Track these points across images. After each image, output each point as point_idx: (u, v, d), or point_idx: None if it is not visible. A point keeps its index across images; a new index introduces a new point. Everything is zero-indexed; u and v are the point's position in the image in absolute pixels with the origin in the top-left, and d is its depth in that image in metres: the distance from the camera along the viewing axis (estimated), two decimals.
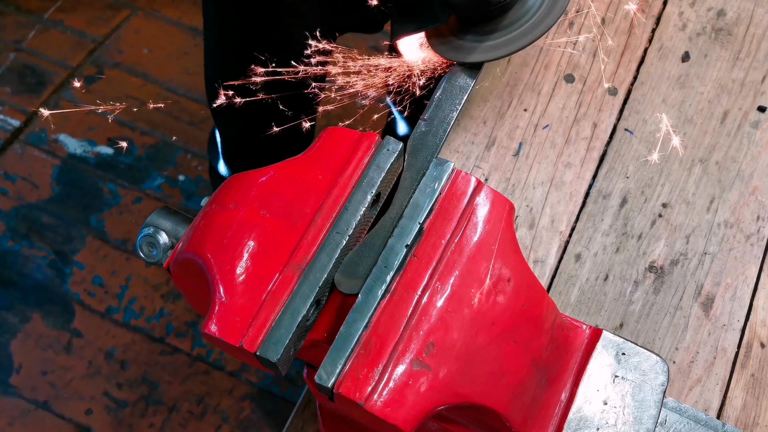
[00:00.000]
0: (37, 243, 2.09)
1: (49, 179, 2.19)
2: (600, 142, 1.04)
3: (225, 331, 0.62)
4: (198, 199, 2.16)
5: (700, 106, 1.06)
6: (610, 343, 0.73)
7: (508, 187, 1.00)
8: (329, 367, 0.60)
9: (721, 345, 0.90)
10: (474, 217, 0.67)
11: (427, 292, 0.63)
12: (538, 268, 0.95)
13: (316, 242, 0.65)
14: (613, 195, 1.00)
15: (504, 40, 0.85)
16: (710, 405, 0.87)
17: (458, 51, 0.86)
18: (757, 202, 0.99)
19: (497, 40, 0.85)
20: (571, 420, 0.70)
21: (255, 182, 0.69)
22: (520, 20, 0.85)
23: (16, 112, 2.30)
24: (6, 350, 1.94)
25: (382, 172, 0.69)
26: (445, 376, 0.61)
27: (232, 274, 0.64)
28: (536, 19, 0.84)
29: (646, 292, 0.93)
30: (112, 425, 1.85)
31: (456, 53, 0.86)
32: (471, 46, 0.86)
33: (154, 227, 0.74)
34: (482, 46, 0.85)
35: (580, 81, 1.08)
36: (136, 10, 2.50)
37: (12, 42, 2.44)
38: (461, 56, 0.85)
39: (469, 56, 0.85)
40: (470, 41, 0.86)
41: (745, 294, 0.93)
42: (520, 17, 0.85)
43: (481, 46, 0.85)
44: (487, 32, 0.85)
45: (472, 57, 0.85)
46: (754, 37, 1.11)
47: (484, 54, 0.85)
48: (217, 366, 1.92)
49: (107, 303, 2.01)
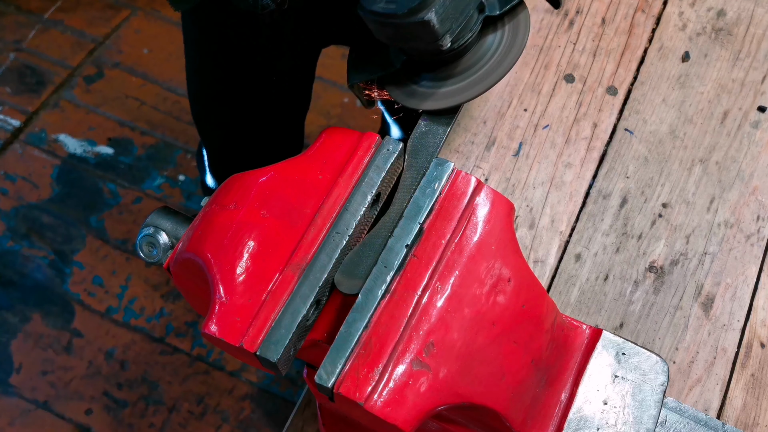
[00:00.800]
0: (37, 243, 2.09)
1: (49, 179, 2.19)
2: (600, 142, 1.04)
3: (225, 331, 0.62)
4: (198, 199, 2.16)
5: (700, 106, 1.06)
6: (610, 343, 0.73)
7: (508, 187, 1.00)
8: (329, 367, 0.60)
9: (721, 345, 0.90)
10: (474, 217, 0.67)
11: (427, 292, 0.63)
12: (538, 268, 0.95)
13: (316, 242, 0.65)
14: (613, 195, 1.00)
15: (460, 86, 0.82)
16: (710, 405, 0.87)
17: (414, 97, 0.84)
18: (757, 202, 0.99)
19: (453, 86, 0.82)
20: (571, 420, 0.70)
21: (255, 182, 0.69)
22: (475, 65, 0.82)
23: (16, 112, 2.30)
24: (6, 350, 1.94)
25: (382, 173, 0.69)
26: (445, 376, 0.61)
27: (232, 274, 0.64)
28: (491, 65, 0.82)
29: (646, 292, 0.93)
30: (112, 425, 1.86)
31: (411, 99, 0.84)
32: (427, 92, 0.83)
33: (154, 227, 0.74)
34: (438, 93, 0.82)
35: (580, 81, 1.08)
36: (136, 10, 2.50)
37: (12, 42, 2.44)
38: (416, 103, 0.83)
39: (423, 103, 0.83)
40: (426, 87, 0.83)
41: (745, 294, 0.93)
42: (476, 62, 0.81)
43: (438, 93, 0.82)
44: (443, 78, 0.83)
45: (427, 104, 0.83)
46: (754, 37, 1.11)
47: (440, 101, 0.82)
48: (217, 366, 1.92)
49: (107, 303, 2.01)
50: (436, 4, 0.70)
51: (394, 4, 0.71)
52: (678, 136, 1.04)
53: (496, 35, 0.82)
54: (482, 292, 0.64)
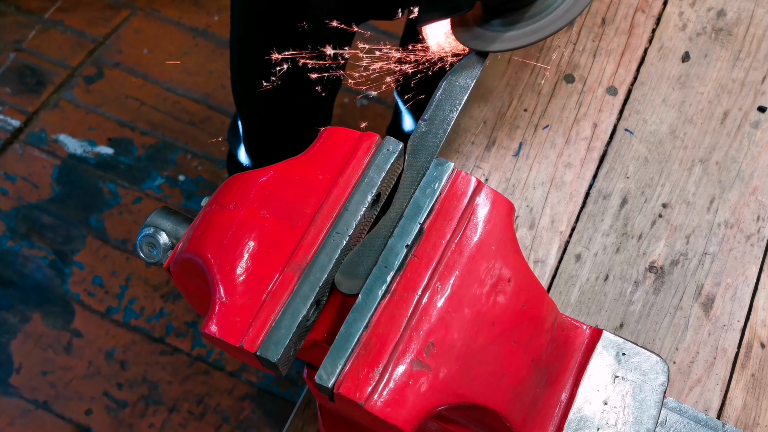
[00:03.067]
0: (37, 243, 2.09)
1: (49, 179, 2.19)
2: (600, 142, 1.04)
3: (225, 331, 0.62)
4: (198, 199, 2.16)
5: (700, 106, 1.06)
6: (611, 343, 0.73)
7: (508, 187, 1.00)
8: (329, 367, 0.60)
9: (722, 345, 0.90)
10: (474, 217, 0.67)
11: (428, 293, 0.63)
12: (538, 268, 0.95)
13: (317, 242, 0.65)
14: (613, 195, 1.00)
15: (526, 30, 0.86)
16: (710, 405, 0.87)
17: (480, 40, 0.86)
18: (758, 202, 0.99)
19: (520, 30, 0.86)
20: (571, 420, 0.70)
21: (255, 182, 0.69)
22: (544, 11, 0.85)
23: (16, 112, 2.30)
24: (6, 350, 1.94)
25: (382, 173, 0.69)
26: (446, 376, 0.61)
27: (233, 274, 0.64)
28: (560, 11, 0.85)
29: (647, 293, 0.93)
30: (112, 425, 1.85)
31: (478, 42, 0.86)
32: (493, 35, 0.86)
33: (154, 227, 0.74)
34: (505, 36, 0.85)
35: (580, 81, 1.08)
36: (136, 10, 2.50)
37: (12, 42, 2.44)
38: (483, 45, 0.86)
39: (490, 45, 0.85)
40: (493, 31, 0.86)
41: (746, 294, 0.93)
42: (546, 8, 0.85)
43: (504, 36, 0.85)
44: (511, 23, 0.86)
45: (494, 46, 0.85)
46: (754, 37, 1.11)
47: (506, 44, 0.86)
48: (217, 366, 1.92)
49: (107, 303, 2.01)
50: None
51: None
52: (678, 136, 1.04)
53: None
54: (482, 292, 0.64)
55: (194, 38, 2.46)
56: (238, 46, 1.32)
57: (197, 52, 2.43)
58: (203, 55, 2.42)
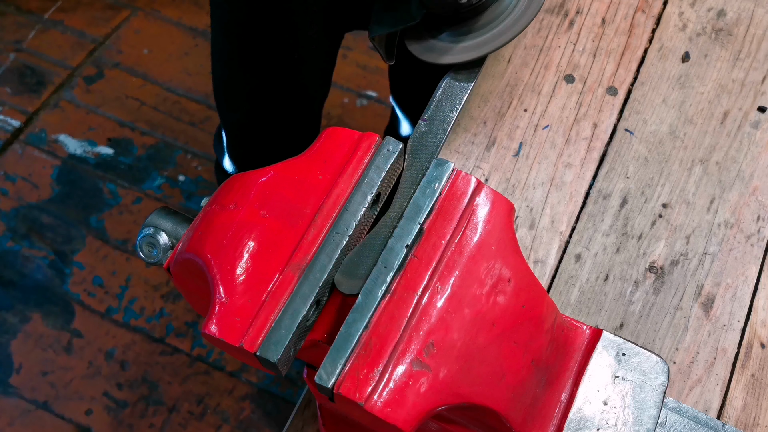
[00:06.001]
0: (37, 243, 2.09)
1: (49, 179, 2.19)
2: (600, 142, 1.04)
3: (225, 331, 0.62)
4: (198, 199, 2.16)
5: (700, 107, 1.06)
6: (611, 343, 0.73)
7: (508, 187, 1.00)
8: (329, 367, 0.60)
9: (722, 345, 0.90)
10: (474, 217, 0.67)
11: (427, 293, 0.63)
12: (538, 269, 0.95)
13: (316, 242, 0.65)
14: (613, 195, 1.00)
15: (479, 41, 0.84)
16: (710, 405, 0.87)
17: (433, 51, 0.85)
18: (758, 202, 0.99)
19: (472, 41, 0.84)
20: (571, 420, 0.70)
21: (255, 182, 0.69)
22: (494, 21, 0.83)
23: (16, 112, 2.30)
24: (6, 350, 1.94)
25: (382, 173, 0.69)
26: (446, 376, 0.61)
27: (232, 274, 0.64)
28: (510, 21, 0.83)
29: (647, 293, 0.93)
30: (112, 425, 1.85)
31: (430, 54, 0.85)
32: (446, 46, 0.84)
33: (154, 227, 0.74)
34: (457, 47, 0.84)
35: (580, 81, 1.08)
36: (136, 10, 2.50)
37: (12, 42, 2.44)
38: (435, 57, 0.84)
39: (442, 57, 0.84)
40: (446, 41, 0.85)
41: (746, 294, 0.93)
42: (495, 18, 0.83)
43: (456, 47, 0.84)
44: (464, 33, 0.84)
45: (446, 58, 0.84)
46: (754, 38, 1.11)
47: (458, 55, 0.84)
48: (217, 366, 1.92)
49: (107, 303, 2.01)
50: None
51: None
52: (678, 137, 1.04)
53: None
54: (482, 292, 0.64)
55: (194, 38, 2.46)
56: (218, 57, 1.32)
57: (197, 52, 2.43)
58: (203, 55, 2.42)
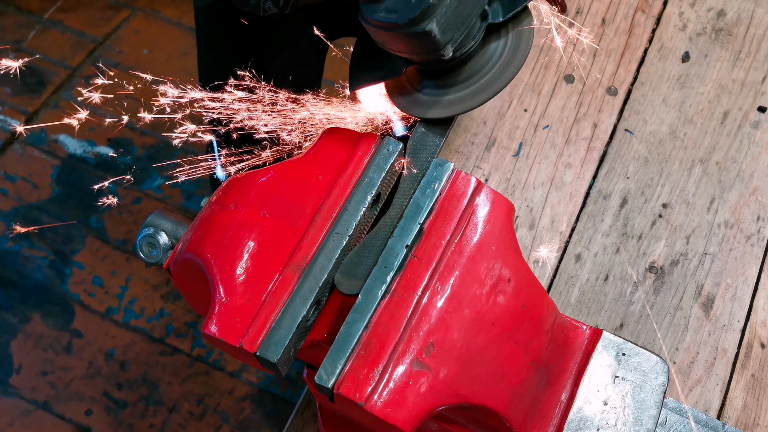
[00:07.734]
0: (37, 243, 2.09)
1: (49, 179, 2.19)
2: (600, 142, 1.04)
3: (225, 331, 0.62)
4: (198, 199, 2.16)
5: (700, 107, 1.06)
6: (611, 343, 0.73)
7: (508, 187, 1.00)
8: (329, 367, 0.60)
9: (722, 345, 0.90)
10: (474, 217, 0.67)
11: (427, 293, 0.63)
12: (538, 269, 0.95)
13: (316, 243, 0.65)
14: (613, 195, 1.00)
15: (462, 95, 0.81)
16: (710, 405, 0.87)
17: (417, 105, 0.82)
18: (757, 202, 0.99)
19: (456, 95, 0.81)
20: (571, 420, 0.70)
21: (255, 183, 0.69)
22: (478, 73, 0.81)
23: (16, 112, 2.30)
24: (6, 350, 1.94)
25: (382, 173, 0.69)
26: (446, 376, 0.61)
27: (232, 274, 0.64)
28: (495, 73, 0.81)
29: (647, 293, 0.93)
30: (112, 425, 1.85)
31: (415, 108, 0.83)
32: (430, 100, 0.82)
33: (154, 227, 0.73)
34: (442, 101, 0.81)
35: (580, 81, 1.08)
36: (136, 10, 2.50)
37: (12, 42, 2.44)
38: (420, 112, 0.82)
39: (427, 112, 0.82)
40: (430, 95, 0.82)
41: (746, 294, 0.93)
42: (479, 69, 0.81)
43: (441, 101, 0.81)
44: (447, 86, 0.82)
45: (431, 113, 0.82)
46: (754, 38, 1.11)
47: (443, 110, 0.81)
48: (217, 366, 1.92)
49: (107, 303, 2.01)
50: (438, 15, 0.69)
51: (395, 14, 0.70)
52: (678, 137, 1.04)
53: (500, 42, 0.81)
54: (482, 292, 0.64)
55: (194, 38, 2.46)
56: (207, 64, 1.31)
57: None
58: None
